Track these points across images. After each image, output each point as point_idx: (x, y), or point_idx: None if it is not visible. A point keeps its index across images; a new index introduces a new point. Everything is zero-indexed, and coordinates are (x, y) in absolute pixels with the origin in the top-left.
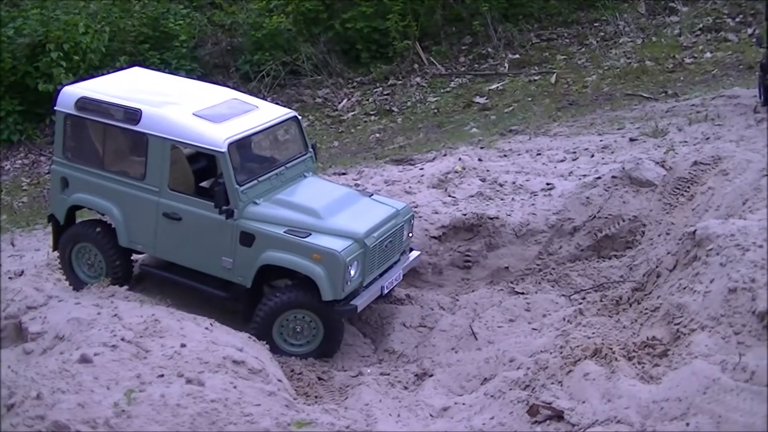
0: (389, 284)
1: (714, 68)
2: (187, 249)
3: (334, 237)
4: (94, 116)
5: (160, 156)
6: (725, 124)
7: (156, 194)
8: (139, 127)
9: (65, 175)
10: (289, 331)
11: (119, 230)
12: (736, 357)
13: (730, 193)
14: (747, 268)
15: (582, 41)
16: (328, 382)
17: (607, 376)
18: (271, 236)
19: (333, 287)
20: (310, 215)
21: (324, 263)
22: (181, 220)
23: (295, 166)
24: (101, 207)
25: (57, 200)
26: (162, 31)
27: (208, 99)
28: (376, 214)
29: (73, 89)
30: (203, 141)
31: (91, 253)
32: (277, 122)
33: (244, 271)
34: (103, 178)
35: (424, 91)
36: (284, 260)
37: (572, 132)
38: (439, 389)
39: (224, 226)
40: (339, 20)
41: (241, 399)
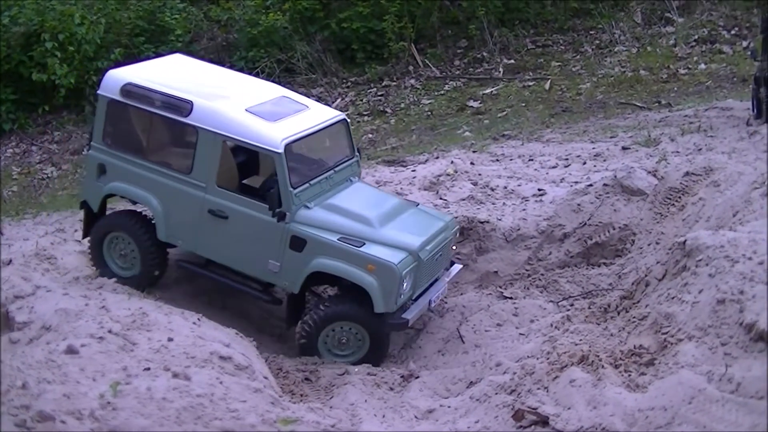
0: (436, 298)
1: (708, 80)
2: (231, 249)
3: (388, 248)
4: (140, 104)
5: (210, 151)
6: (718, 135)
7: (202, 190)
8: (190, 120)
9: (103, 161)
10: (334, 342)
11: (158, 223)
12: (723, 368)
13: (720, 205)
14: (736, 279)
15: (577, 48)
16: (315, 382)
17: (593, 383)
18: (324, 243)
19: (386, 300)
20: (363, 224)
21: (378, 274)
22: (227, 218)
23: (343, 170)
24: (140, 197)
25: (91, 187)
26: (158, 25)
27: (258, 95)
28: (428, 227)
29: (119, 73)
30: (258, 140)
31: (124, 244)
32: (329, 124)
33: (291, 276)
34: (144, 168)
35: (418, 93)
36: (337, 269)
37: (565, 139)
38: (424, 391)
39: (274, 229)
40: (335, 19)
41: (227, 395)
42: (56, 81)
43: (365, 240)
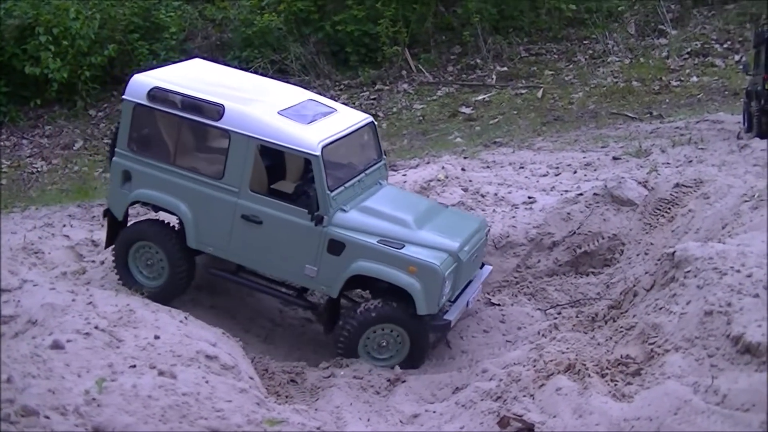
0: (473, 299)
1: (700, 92)
2: (265, 254)
3: (429, 249)
4: (168, 108)
5: (242, 155)
6: (708, 148)
7: (234, 195)
8: (222, 124)
9: (128, 168)
10: (374, 345)
11: (188, 230)
12: (709, 380)
13: (710, 217)
14: (724, 291)
15: (570, 58)
16: (300, 383)
17: (579, 391)
18: (363, 246)
19: (428, 301)
20: (401, 226)
21: (420, 276)
22: (261, 223)
23: (373, 173)
24: (168, 204)
25: (116, 195)
26: (152, 22)
27: (287, 98)
28: (464, 228)
29: (145, 78)
30: (295, 142)
31: (151, 253)
32: (359, 127)
33: (330, 280)
34: (172, 174)
35: (410, 97)
36: (378, 271)
37: (556, 147)
38: (410, 396)
39: (311, 233)
40: (330, 22)
41: (213, 394)
42: (49, 75)
43: (404, 242)
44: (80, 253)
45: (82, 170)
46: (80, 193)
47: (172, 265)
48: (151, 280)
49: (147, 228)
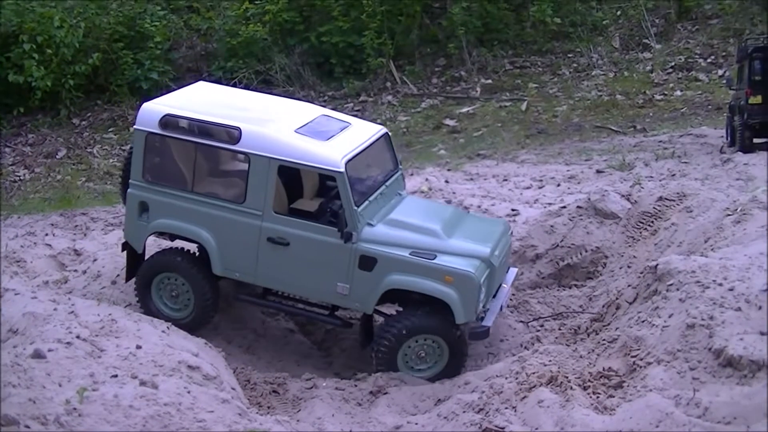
0: (505, 303)
1: (683, 106)
2: (294, 275)
3: (461, 257)
4: (183, 135)
5: (264, 177)
6: (691, 162)
7: (258, 218)
8: (240, 147)
9: (145, 198)
10: (413, 357)
11: (213, 257)
12: (691, 392)
13: (692, 231)
14: (706, 305)
15: (555, 71)
16: (282, 394)
17: (561, 404)
18: (395, 259)
19: (467, 310)
20: (431, 236)
21: (457, 285)
22: (288, 245)
23: (393, 184)
24: (190, 232)
25: (134, 227)
26: (137, 31)
27: (300, 115)
28: (490, 232)
29: (154, 106)
30: (317, 160)
31: (176, 284)
32: (376, 138)
33: (363, 296)
34: (191, 201)
35: (394, 109)
36: (414, 284)
37: (540, 160)
38: (392, 407)
39: (341, 251)
40: (315, 33)
41: (195, 404)
42: (33, 83)
43: (436, 252)
44: (62, 262)
45: (65, 179)
46: (63, 201)
47: (198, 295)
48: (177, 312)
49: (170, 258)
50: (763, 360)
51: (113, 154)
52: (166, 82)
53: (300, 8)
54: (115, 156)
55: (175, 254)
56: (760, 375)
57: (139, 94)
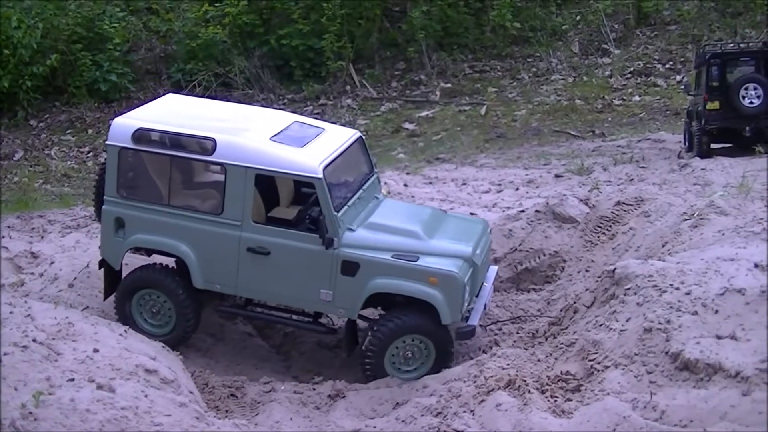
0: (488, 301)
1: (642, 111)
2: (276, 285)
3: (444, 258)
4: (156, 148)
5: (241, 187)
6: (649, 166)
7: (237, 228)
8: (216, 157)
9: (120, 215)
10: (400, 358)
11: (193, 270)
12: (648, 396)
13: (650, 235)
14: (663, 309)
15: (514, 75)
16: (240, 398)
17: (519, 407)
18: (378, 263)
19: (452, 310)
20: (412, 237)
21: (441, 286)
22: (269, 254)
23: (369, 187)
24: (168, 246)
25: (111, 243)
26: (96, 33)
27: (273, 123)
28: (471, 232)
29: (126, 120)
30: (294, 167)
31: (157, 300)
32: (351, 143)
33: (347, 302)
34: (168, 215)
35: (354, 113)
36: (397, 287)
37: (499, 164)
38: (350, 411)
39: (323, 257)
40: (275, 36)
41: (152, 408)
42: None
43: (418, 254)
44: (19, 264)
45: (22, 181)
46: (20, 204)
47: (179, 311)
48: (158, 328)
49: (149, 274)
50: (718, 363)
51: (71, 156)
52: (124, 84)
53: (260, 11)
54: (72, 158)
55: (155, 270)
56: (716, 378)
57: (97, 96)
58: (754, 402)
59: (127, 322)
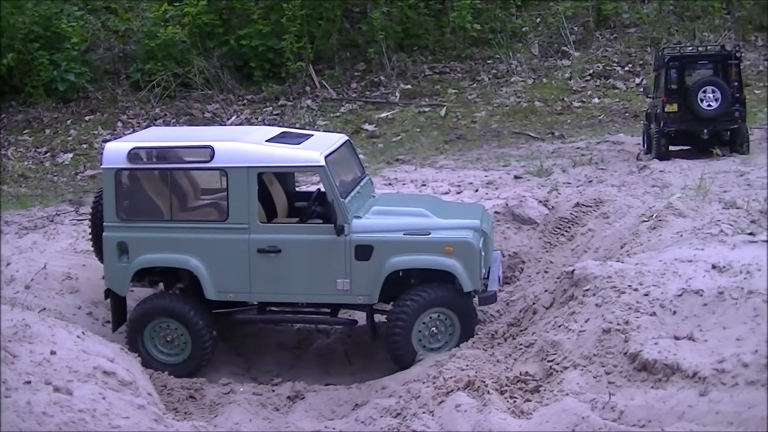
0: (501, 275)
1: (601, 114)
2: (291, 282)
3: (454, 230)
4: (153, 164)
5: (244, 189)
6: (608, 168)
7: (245, 231)
8: (215, 163)
9: (123, 239)
10: (427, 336)
11: (204, 282)
12: (606, 396)
13: (609, 236)
14: (621, 310)
15: (474, 77)
16: (199, 400)
17: (478, 408)
18: (391, 242)
19: (472, 277)
20: (419, 216)
21: (458, 254)
22: (280, 252)
23: (365, 186)
24: (177, 262)
25: (115, 270)
26: (54, 32)
27: (264, 132)
28: (472, 210)
29: (118, 144)
30: (296, 161)
31: (170, 329)
32: (341, 144)
33: (366, 287)
34: (173, 230)
35: (314, 114)
36: (415, 261)
37: (458, 165)
38: (310, 412)
39: (335, 245)
40: (234, 36)
41: (110, 410)
42: None
43: (429, 230)
44: None
45: None
46: None
47: (195, 337)
48: (173, 356)
49: (160, 303)
50: (676, 364)
51: (28, 157)
52: (83, 84)
53: (219, 11)
54: (30, 158)
55: (165, 297)
56: (674, 379)
57: (55, 96)
58: (711, 402)
59: (141, 354)
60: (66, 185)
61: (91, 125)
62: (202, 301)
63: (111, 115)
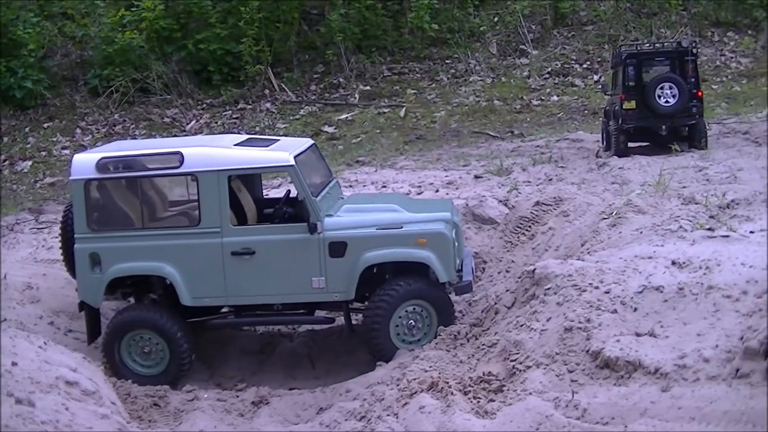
0: (474, 267)
1: (560, 111)
2: (266, 283)
3: (426, 222)
4: (122, 172)
5: (215, 192)
6: (568, 166)
7: (218, 235)
8: (185, 168)
9: (95, 250)
10: (404, 330)
11: (179, 289)
12: (569, 394)
13: (569, 235)
14: (583, 308)
15: (433, 77)
16: (163, 407)
17: (442, 409)
18: (365, 237)
19: (446, 267)
20: (391, 211)
21: (431, 245)
22: (254, 254)
23: (333, 187)
24: (150, 269)
25: (88, 282)
26: (10, 38)
27: (231, 139)
28: (441, 204)
29: (86, 155)
30: (266, 162)
31: (146, 340)
32: (307, 147)
33: (341, 284)
34: (145, 238)
35: (273, 117)
36: (389, 255)
37: (418, 166)
38: (274, 417)
39: (309, 244)
40: (192, 40)
41: (73, 421)
42: None
43: (401, 223)
44: None
45: None
46: None
47: (174, 348)
48: (151, 368)
49: (136, 314)
50: (638, 360)
51: None
52: (40, 91)
53: (177, 15)
54: None
55: (141, 309)
56: (636, 375)
57: (12, 103)
58: (674, 398)
59: (118, 367)
60: (25, 193)
61: (50, 132)
62: (177, 310)
63: (69, 122)
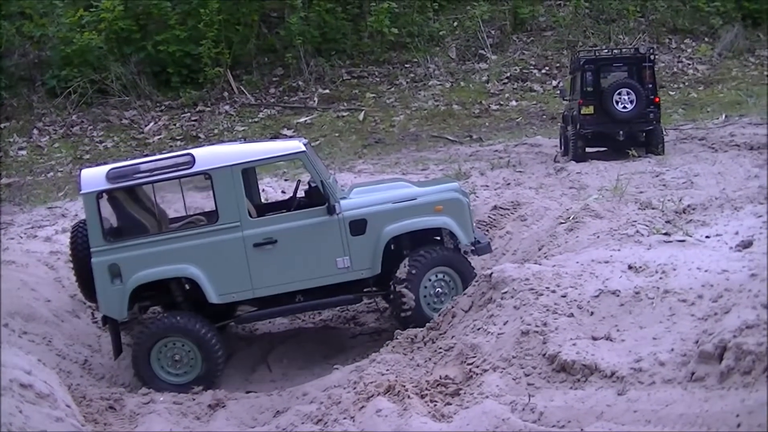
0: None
1: (518, 116)
2: (291, 270)
3: (438, 192)
4: (134, 180)
5: (230, 188)
6: (526, 171)
7: (237, 229)
8: (198, 167)
9: (114, 261)
10: (432, 296)
11: (206, 287)
12: (526, 398)
13: (527, 239)
14: (539, 311)
15: (392, 81)
16: (119, 410)
17: (399, 413)
18: (383, 212)
19: (465, 231)
20: (402, 188)
21: (448, 211)
22: (276, 243)
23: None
24: (174, 272)
25: (110, 295)
26: None
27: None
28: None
29: (93, 169)
30: (277, 151)
31: (177, 348)
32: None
33: (366, 260)
34: (165, 242)
35: (232, 119)
36: (410, 225)
37: (377, 170)
38: (231, 420)
39: (329, 225)
40: (152, 42)
41: (27, 424)
42: None
43: (414, 196)
44: None
45: None
46: None
47: (207, 353)
48: (182, 376)
49: (164, 323)
50: (594, 364)
51: None
52: None
53: (136, 16)
54: None
55: (168, 317)
56: (592, 379)
57: None
58: (630, 401)
59: (149, 376)
60: None
61: (6, 132)
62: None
63: (26, 122)
